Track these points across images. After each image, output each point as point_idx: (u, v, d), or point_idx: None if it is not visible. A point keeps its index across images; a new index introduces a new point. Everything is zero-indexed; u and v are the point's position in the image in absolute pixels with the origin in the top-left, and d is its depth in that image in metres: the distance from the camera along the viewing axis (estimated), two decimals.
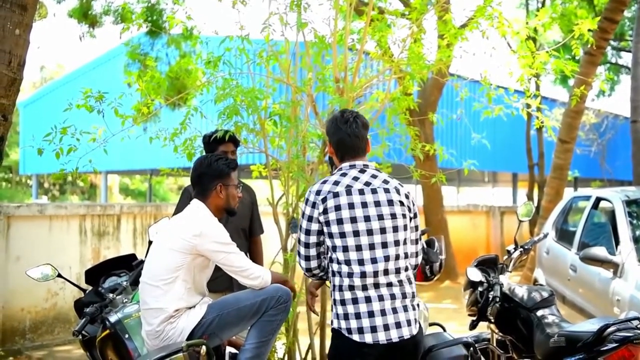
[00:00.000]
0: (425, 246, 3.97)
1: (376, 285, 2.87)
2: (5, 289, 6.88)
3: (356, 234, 2.89)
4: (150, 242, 3.90)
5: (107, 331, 3.40)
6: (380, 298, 2.86)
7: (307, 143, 4.75)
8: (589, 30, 4.60)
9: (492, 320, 4.02)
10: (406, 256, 2.99)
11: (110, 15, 11.96)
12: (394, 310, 2.87)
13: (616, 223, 5.46)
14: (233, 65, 4.81)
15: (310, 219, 2.98)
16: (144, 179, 32.86)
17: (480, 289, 4.11)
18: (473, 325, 4.16)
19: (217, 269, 3.45)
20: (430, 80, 10.56)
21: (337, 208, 2.91)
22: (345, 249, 2.89)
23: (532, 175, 18.00)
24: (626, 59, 21.04)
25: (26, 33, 3.78)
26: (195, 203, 3.41)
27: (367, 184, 2.99)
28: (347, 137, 3.05)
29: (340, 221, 2.90)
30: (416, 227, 3.10)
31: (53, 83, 26.30)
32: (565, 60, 4.57)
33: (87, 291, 3.83)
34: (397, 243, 2.93)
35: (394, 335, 2.84)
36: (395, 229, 2.94)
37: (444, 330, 4.00)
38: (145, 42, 12.32)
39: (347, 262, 2.88)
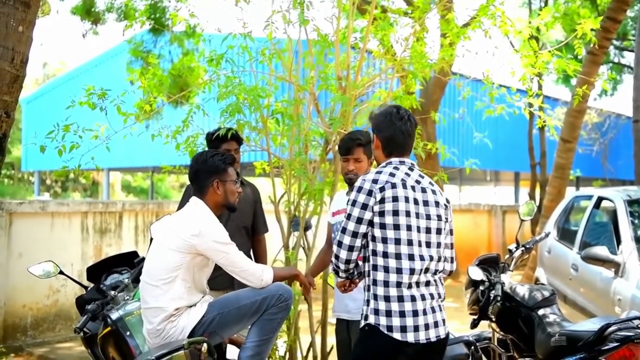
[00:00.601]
0: None
1: (418, 284, 2.87)
2: (6, 285, 6.90)
3: (409, 228, 2.88)
4: (152, 240, 3.90)
5: (109, 328, 3.40)
6: (423, 297, 2.86)
7: (309, 141, 4.75)
8: (592, 29, 4.60)
9: (494, 319, 4.03)
10: (444, 259, 3.01)
11: (113, 13, 11.97)
12: (433, 310, 2.89)
13: (618, 223, 5.46)
14: (235, 63, 4.81)
15: (364, 207, 2.89)
16: (146, 176, 32.88)
17: (481, 287, 4.12)
18: (474, 324, 4.17)
19: (218, 267, 3.44)
20: (433, 79, 10.55)
21: (395, 199, 2.89)
22: (398, 241, 2.86)
23: (534, 174, 18.00)
24: (629, 58, 21.02)
25: (29, 30, 3.79)
26: (194, 201, 3.39)
27: (417, 182, 3.00)
28: (400, 135, 3.04)
29: (396, 212, 2.87)
30: (451, 231, 3.10)
31: (55, 80, 26.32)
32: (568, 60, 4.57)
33: (88, 288, 3.84)
34: (439, 245, 2.96)
35: (432, 334, 2.86)
36: (438, 231, 2.97)
37: None
38: (148, 40, 12.32)
39: (398, 256, 2.85)
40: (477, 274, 4.09)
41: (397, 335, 2.80)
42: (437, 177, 4.91)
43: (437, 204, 3.01)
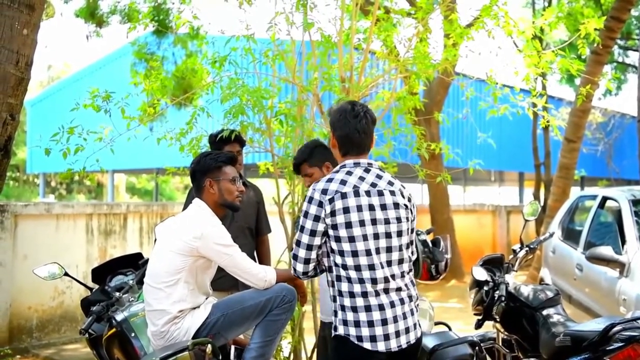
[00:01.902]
0: (431, 245, 3.97)
1: (386, 291, 2.79)
2: (12, 287, 6.92)
3: (365, 237, 2.78)
4: (156, 241, 3.91)
5: (114, 330, 3.41)
6: (392, 304, 2.79)
7: None
8: (595, 29, 4.59)
9: (498, 320, 4.03)
10: (409, 259, 2.94)
11: (116, 15, 12.01)
12: (404, 316, 2.82)
13: (622, 222, 5.45)
14: (239, 64, 4.82)
15: (317, 219, 2.80)
16: (151, 178, 32.92)
17: (485, 288, 4.11)
18: (479, 325, 4.16)
19: (221, 268, 3.45)
20: (437, 80, 10.55)
21: (346, 210, 2.78)
22: (355, 253, 2.77)
23: (538, 174, 17.96)
24: (633, 58, 20.97)
25: (34, 33, 3.81)
26: (197, 202, 3.40)
27: (373, 185, 2.86)
28: (355, 133, 2.90)
29: (349, 224, 2.77)
30: (413, 229, 3.02)
31: (60, 82, 26.39)
32: (571, 60, 4.56)
33: (93, 290, 3.85)
34: (401, 247, 2.86)
35: (404, 341, 2.79)
36: (399, 234, 2.86)
37: (450, 329, 4.00)
38: (152, 42, 12.35)
39: (357, 268, 2.77)
40: (481, 274, 4.09)
41: (367, 345, 2.75)
42: (440, 177, 4.92)
43: (396, 205, 2.87)
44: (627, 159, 20.84)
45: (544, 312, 3.85)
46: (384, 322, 2.77)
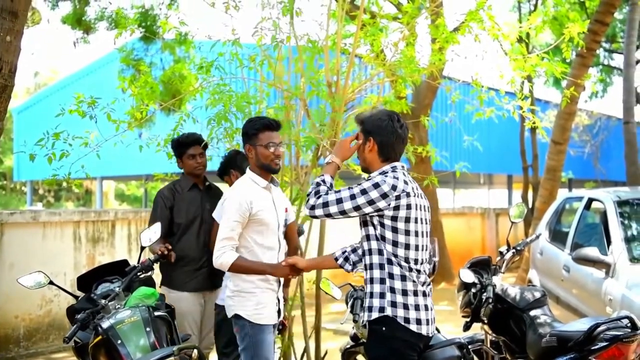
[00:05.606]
0: None
1: (423, 283, 3.04)
2: None
3: (416, 234, 3.03)
4: (142, 248, 3.90)
5: (100, 337, 3.38)
6: (427, 294, 3.07)
7: (300, 147, 4.75)
8: (580, 32, 4.63)
9: (486, 321, 4.04)
10: None
11: (104, 21, 11.95)
12: (432, 307, 3.09)
13: (608, 223, 5.48)
14: (226, 70, 4.82)
15: (371, 202, 2.94)
16: (140, 184, 32.78)
17: (473, 290, 4.13)
18: (467, 327, 4.18)
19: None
20: (424, 84, 10.58)
21: (409, 207, 2.99)
22: (407, 246, 2.99)
23: (526, 176, 18.02)
24: (618, 60, 21.14)
25: (17, 40, 3.79)
26: (247, 170, 3.66)
27: (417, 188, 3.13)
28: (400, 142, 3.13)
29: (407, 219, 2.99)
30: None
31: (47, 89, 26.24)
32: (556, 63, 4.60)
33: (79, 298, 3.83)
34: (426, 247, 3.13)
35: (431, 330, 3.07)
36: (427, 234, 3.13)
37: (438, 331, 4.00)
38: (139, 48, 12.31)
39: (407, 260, 2.98)
40: (469, 276, 4.11)
41: (413, 327, 2.95)
42: (427, 180, 4.93)
43: (428, 209, 3.18)
44: (613, 160, 20.99)
45: (531, 313, 3.87)
46: (426, 307, 3.02)
